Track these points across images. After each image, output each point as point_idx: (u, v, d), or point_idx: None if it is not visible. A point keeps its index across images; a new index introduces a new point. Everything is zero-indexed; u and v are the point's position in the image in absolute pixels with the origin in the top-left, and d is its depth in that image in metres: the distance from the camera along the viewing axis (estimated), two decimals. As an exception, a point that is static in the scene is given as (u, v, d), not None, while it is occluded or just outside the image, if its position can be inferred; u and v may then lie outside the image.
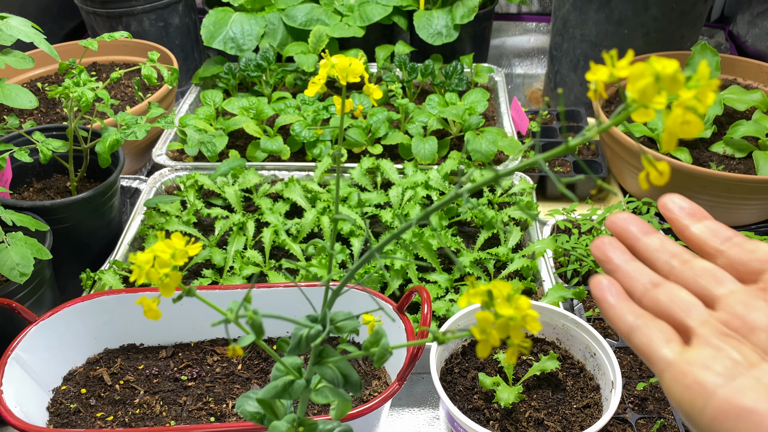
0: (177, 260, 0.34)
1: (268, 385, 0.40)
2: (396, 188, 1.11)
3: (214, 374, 0.83)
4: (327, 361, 0.39)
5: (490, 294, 0.30)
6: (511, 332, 0.29)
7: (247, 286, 0.83)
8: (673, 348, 0.33)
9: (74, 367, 0.84)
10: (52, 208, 0.94)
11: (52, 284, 0.93)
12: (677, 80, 0.26)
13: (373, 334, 0.36)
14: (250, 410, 0.45)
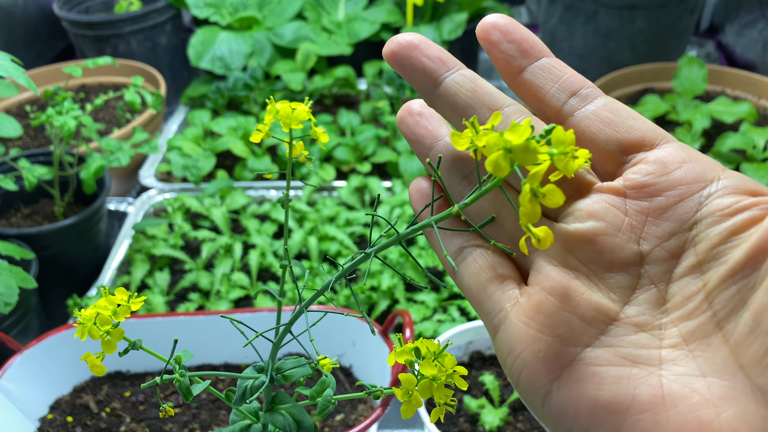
0: (119, 317, 0.34)
1: (228, 428, 0.40)
2: (384, 206, 1.11)
3: (200, 400, 0.83)
4: (279, 408, 0.39)
5: (418, 352, 0.30)
6: (435, 393, 0.29)
7: (233, 311, 0.83)
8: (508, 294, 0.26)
9: (60, 396, 0.83)
10: (38, 235, 0.94)
11: (38, 311, 0.93)
12: (530, 149, 0.21)
13: (319, 383, 0.36)
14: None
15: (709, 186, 0.24)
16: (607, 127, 0.26)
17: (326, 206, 1.12)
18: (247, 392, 0.36)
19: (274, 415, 0.38)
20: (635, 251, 0.24)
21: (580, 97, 0.26)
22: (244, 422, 0.40)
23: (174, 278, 1.04)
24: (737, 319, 0.22)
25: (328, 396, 0.35)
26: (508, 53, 0.27)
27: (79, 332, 0.33)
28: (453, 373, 0.29)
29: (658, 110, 1.21)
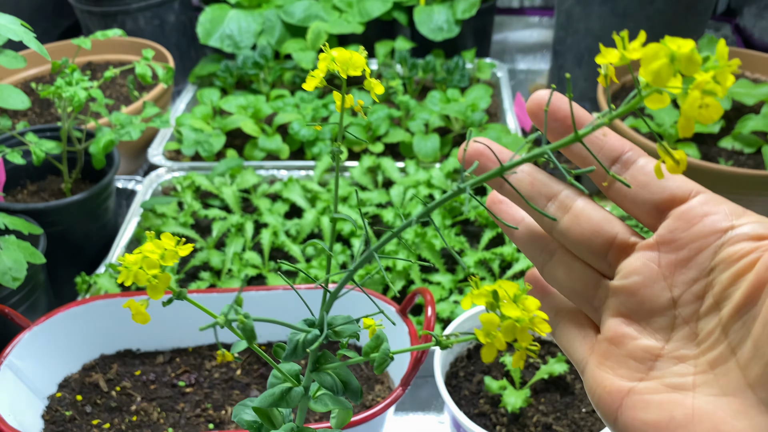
0: (166, 261, 0.32)
1: (265, 392, 0.38)
2: (397, 187, 1.08)
3: (213, 380, 0.81)
4: (326, 368, 0.36)
5: (496, 295, 0.28)
6: (517, 335, 0.27)
7: (245, 289, 0.81)
8: (588, 344, 0.32)
9: (69, 374, 0.82)
10: (46, 211, 0.92)
11: (47, 289, 0.91)
12: (694, 61, 0.23)
13: (374, 338, 0.34)
14: (247, 419, 0.43)
15: (723, 236, 0.28)
16: (644, 189, 0.30)
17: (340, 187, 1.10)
18: (299, 346, 0.34)
19: (321, 374, 0.36)
20: (669, 297, 0.29)
21: (621, 163, 0.31)
22: (284, 385, 0.38)
23: (184, 257, 1.02)
24: (744, 346, 0.26)
25: (386, 349, 0.32)
26: (555, 130, 0.31)
27: (123, 277, 0.31)
28: (534, 317, 0.27)
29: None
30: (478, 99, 1.23)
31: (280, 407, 0.37)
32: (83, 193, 0.94)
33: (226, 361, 0.32)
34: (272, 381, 0.38)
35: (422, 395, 0.92)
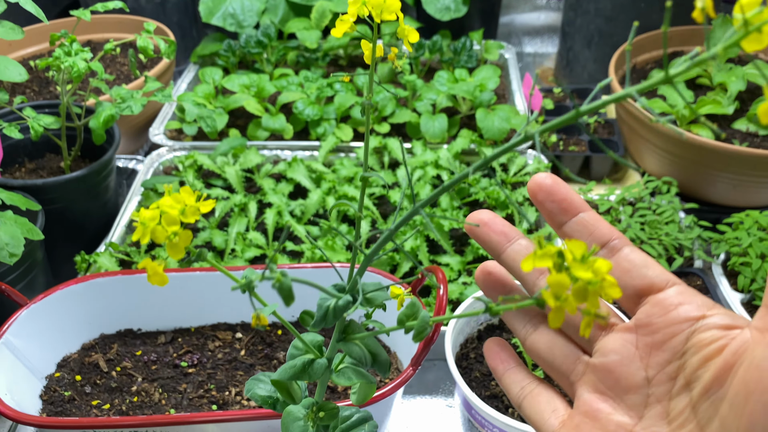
0: (187, 217, 0.29)
1: (285, 365, 0.35)
2: (404, 168, 1.06)
3: (216, 360, 0.79)
4: (353, 338, 0.34)
5: (562, 255, 0.25)
6: (589, 299, 0.24)
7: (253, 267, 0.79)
8: (558, 417, 0.34)
9: (68, 354, 0.79)
10: (44, 188, 0.89)
11: (45, 267, 0.89)
12: None
13: (409, 306, 0.31)
14: (261, 394, 0.41)
15: (695, 323, 0.30)
16: (626, 275, 0.32)
17: (344, 167, 1.07)
18: (329, 313, 0.31)
19: (349, 345, 0.34)
20: (644, 377, 0.31)
21: (608, 249, 0.33)
22: (305, 357, 0.35)
23: (186, 237, 1.00)
24: (712, 425, 0.28)
25: (426, 317, 0.30)
26: (551, 210, 0.34)
27: (139, 234, 0.29)
28: (605, 280, 0.25)
29: (688, 74, 1.16)
30: (487, 79, 1.20)
31: (301, 380, 0.35)
32: (83, 170, 0.91)
33: (261, 325, 0.30)
34: (293, 352, 0.36)
35: (430, 378, 0.90)
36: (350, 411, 0.43)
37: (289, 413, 0.37)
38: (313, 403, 0.37)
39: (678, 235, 0.95)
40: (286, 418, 0.37)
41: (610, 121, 1.24)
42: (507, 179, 1.06)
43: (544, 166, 1.07)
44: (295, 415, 0.37)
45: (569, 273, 0.25)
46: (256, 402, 0.41)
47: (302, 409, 0.37)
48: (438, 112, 1.17)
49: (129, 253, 0.93)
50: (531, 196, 0.35)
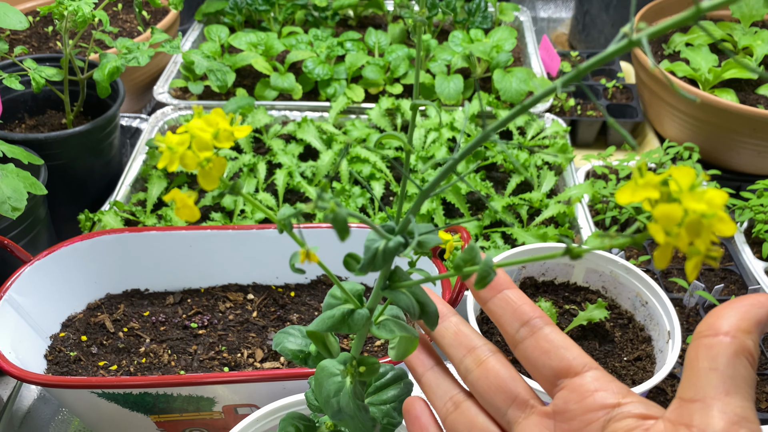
0: (221, 141, 0.26)
1: (322, 315, 0.32)
2: (419, 130, 1.03)
3: (227, 322, 0.76)
4: (400, 286, 0.31)
5: (667, 185, 0.22)
6: (703, 234, 0.21)
7: (265, 226, 0.76)
8: None
9: (73, 313, 0.77)
10: (47, 142, 0.86)
11: (48, 225, 0.86)
12: None
13: (468, 251, 0.28)
14: (292, 348, 0.38)
15: (611, 411, 0.30)
16: (544, 355, 0.33)
17: (356, 128, 1.04)
18: (378, 255, 0.28)
19: (395, 293, 0.31)
20: None
21: (528, 327, 0.34)
22: (345, 307, 0.32)
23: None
24: None
25: (489, 261, 0.27)
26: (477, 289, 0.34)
27: (165, 161, 0.25)
28: (716, 214, 0.21)
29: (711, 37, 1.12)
30: (503, 40, 1.16)
31: (340, 331, 0.32)
32: (87, 125, 0.87)
33: (311, 262, 0.27)
34: (330, 302, 0.33)
35: (444, 345, 0.87)
36: (384, 368, 0.41)
37: (323, 368, 0.34)
38: (351, 357, 0.34)
39: (701, 202, 0.92)
40: (320, 373, 0.35)
41: (628, 87, 1.20)
42: (524, 143, 1.03)
43: (563, 130, 1.04)
44: (330, 370, 0.34)
45: (680, 206, 0.21)
46: (285, 356, 0.39)
47: (337, 364, 0.34)
48: (453, 73, 1.13)
49: (135, 213, 0.90)
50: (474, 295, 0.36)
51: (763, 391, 0.73)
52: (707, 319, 0.29)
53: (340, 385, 0.33)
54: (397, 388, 0.39)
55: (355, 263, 0.29)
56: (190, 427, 0.68)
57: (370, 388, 0.39)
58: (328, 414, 0.34)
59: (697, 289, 0.79)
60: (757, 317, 0.28)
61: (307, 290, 0.80)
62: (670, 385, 0.74)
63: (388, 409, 0.38)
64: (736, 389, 0.27)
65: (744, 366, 0.27)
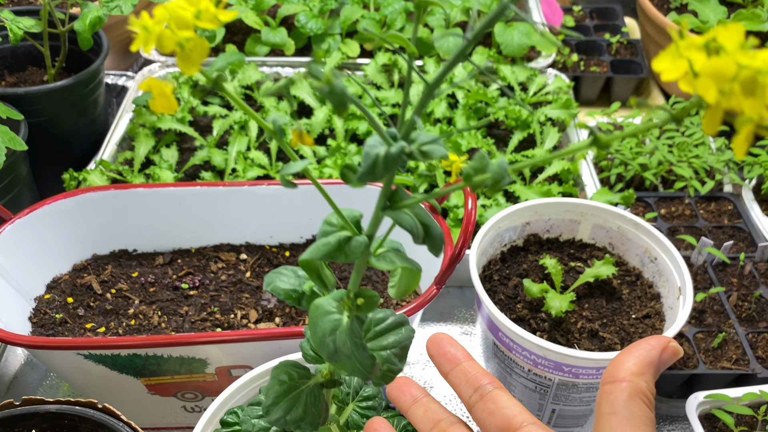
0: (202, 22, 0.23)
1: (316, 243, 0.29)
2: (416, 86, 0.99)
3: (219, 282, 0.73)
4: (402, 205, 0.28)
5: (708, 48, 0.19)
6: (757, 94, 0.18)
7: (257, 183, 0.72)
8: None
9: (59, 275, 0.73)
10: (27, 98, 0.82)
11: (30, 185, 0.82)
12: None
13: (478, 158, 0.25)
14: (284, 287, 0.35)
15: None
16: (490, 416, 0.35)
17: (351, 84, 0.99)
18: (379, 162, 0.25)
19: (397, 213, 0.28)
20: None
21: (478, 393, 0.36)
22: (341, 234, 0.29)
23: (183, 157, 0.93)
24: None
25: (503, 163, 0.24)
26: (439, 362, 0.39)
27: (140, 42, 0.22)
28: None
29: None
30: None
31: (336, 260, 0.29)
32: (69, 79, 0.83)
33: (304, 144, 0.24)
34: (325, 229, 0.30)
35: (443, 305, 0.85)
36: (385, 313, 0.38)
37: (318, 306, 0.31)
38: (346, 293, 0.31)
39: (709, 158, 0.89)
40: (314, 312, 0.32)
41: (633, 42, 1.16)
42: (527, 99, 0.99)
43: (566, 85, 1.00)
44: (326, 308, 0.31)
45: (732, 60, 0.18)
46: (278, 296, 0.36)
47: (333, 302, 0.31)
48: (452, 27, 1.09)
49: (121, 172, 0.86)
50: (428, 349, 0.39)
51: None
52: (609, 367, 0.31)
53: (336, 323, 0.31)
54: (398, 333, 0.36)
55: (352, 174, 0.26)
56: (183, 390, 0.66)
57: (370, 333, 0.37)
58: (323, 356, 0.31)
59: (705, 246, 0.77)
60: (649, 359, 0.31)
61: (302, 250, 0.77)
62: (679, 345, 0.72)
63: (389, 355, 0.36)
64: (632, 429, 0.29)
65: (639, 406, 0.30)
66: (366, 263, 0.32)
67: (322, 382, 0.38)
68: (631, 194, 0.82)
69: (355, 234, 0.29)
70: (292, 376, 0.37)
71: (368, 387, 0.47)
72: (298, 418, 0.36)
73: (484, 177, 0.24)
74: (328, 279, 0.32)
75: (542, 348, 0.57)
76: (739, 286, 0.77)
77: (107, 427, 0.48)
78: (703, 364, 0.69)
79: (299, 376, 0.37)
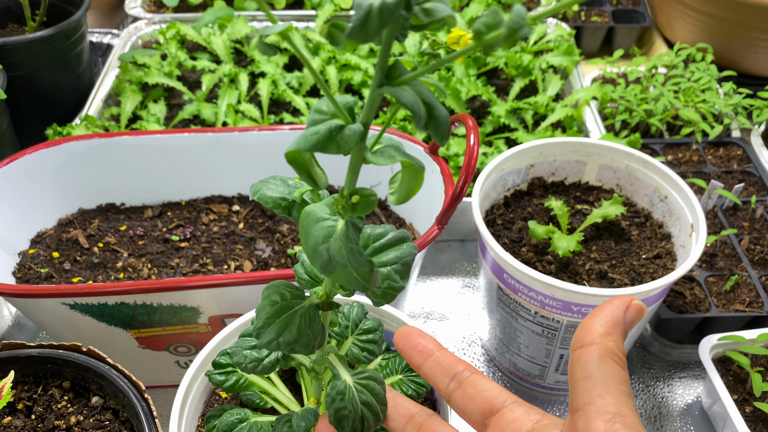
0: None
1: (304, 132, 0.26)
2: (412, 36, 0.95)
3: (211, 234, 0.70)
4: (401, 81, 0.25)
5: None
6: None
7: (248, 128, 0.69)
8: None
9: (43, 229, 0.70)
10: (6, 49, 0.78)
11: (12, 140, 0.79)
12: None
13: (491, 13, 0.22)
14: (272, 195, 0.32)
15: None
16: (470, 402, 0.35)
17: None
18: (372, 15, 0.21)
19: (397, 89, 0.25)
20: None
21: (455, 380, 0.36)
22: (333, 122, 0.26)
23: (171, 112, 0.89)
24: None
25: (521, 12, 0.21)
26: (410, 355, 0.38)
27: None
28: None
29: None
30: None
31: (327, 152, 0.26)
32: (49, 29, 0.80)
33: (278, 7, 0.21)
34: (315, 118, 0.27)
35: (444, 259, 0.82)
36: (383, 228, 0.35)
37: (309, 213, 0.28)
38: (341, 190, 0.28)
39: (717, 101, 0.86)
40: (305, 219, 0.29)
41: (635, -8, 1.12)
42: (527, 48, 0.96)
43: (567, 33, 0.96)
44: (318, 214, 0.28)
45: None
46: (266, 204, 0.33)
47: (325, 207, 0.28)
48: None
49: (107, 128, 0.83)
50: (395, 343, 0.39)
51: None
52: (576, 333, 0.31)
53: (330, 230, 0.28)
54: (399, 249, 0.34)
55: (340, 33, 0.23)
56: (176, 343, 0.63)
57: (368, 250, 0.34)
58: (317, 268, 0.28)
59: (715, 188, 0.74)
60: (615, 319, 0.31)
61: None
62: (689, 289, 0.69)
63: (389, 271, 0.33)
64: (606, 390, 0.29)
65: (611, 366, 0.30)
66: (362, 159, 0.29)
67: (318, 303, 0.35)
68: (638, 138, 0.79)
69: (348, 122, 0.26)
70: (285, 297, 0.34)
71: (368, 320, 0.44)
72: (292, 340, 0.33)
73: (497, 33, 0.21)
74: (319, 177, 0.29)
75: (550, 286, 0.54)
76: (751, 230, 0.75)
77: (92, 370, 0.45)
78: (716, 307, 0.67)
79: (293, 296, 0.34)
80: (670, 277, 0.55)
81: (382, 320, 0.46)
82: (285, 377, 0.51)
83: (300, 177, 0.28)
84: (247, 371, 0.38)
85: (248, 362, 0.38)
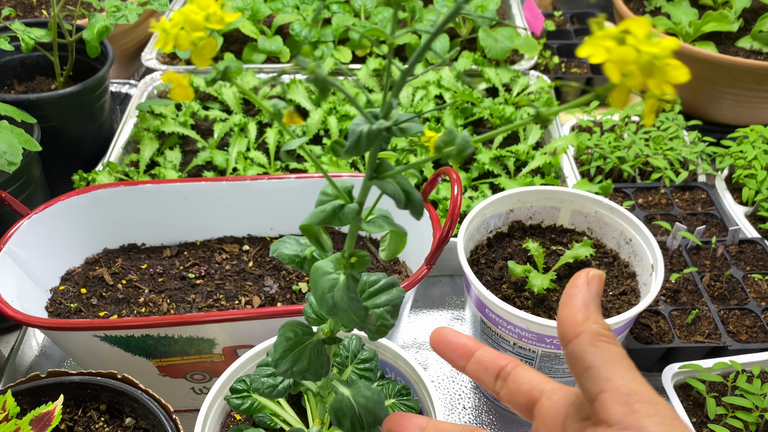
0: (212, 23, 0.28)
1: (314, 210, 0.34)
2: (407, 88, 1.04)
3: (224, 272, 0.78)
4: (386, 176, 0.33)
5: (626, 33, 0.24)
6: (655, 75, 0.23)
7: (259, 177, 0.77)
8: None
9: (72, 267, 0.78)
10: (38, 104, 0.87)
11: (43, 186, 0.87)
12: None
13: (447, 133, 0.30)
14: (288, 252, 0.40)
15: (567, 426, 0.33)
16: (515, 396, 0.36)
17: (344, 87, 1.05)
18: (362, 138, 0.30)
19: (382, 182, 0.33)
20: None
21: (501, 378, 0.37)
22: (335, 202, 0.34)
23: (186, 158, 0.98)
24: None
25: (466, 137, 0.29)
26: (452, 358, 0.38)
27: (161, 42, 0.27)
28: (669, 60, 0.23)
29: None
30: (488, 0, 1.17)
31: (331, 224, 0.34)
32: (77, 86, 0.88)
33: (295, 124, 0.29)
34: (322, 199, 0.35)
35: (434, 293, 0.90)
36: (377, 276, 0.43)
37: (318, 268, 0.36)
38: (340, 256, 0.36)
39: (683, 149, 0.94)
40: (315, 273, 0.36)
41: (611, 44, 1.22)
42: (510, 99, 1.05)
43: (548, 85, 1.06)
44: (324, 269, 0.36)
45: (633, 47, 0.23)
46: (282, 260, 0.40)
47: (330, 263, 0.36)
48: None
49: (128, 173, 0.91)
50: (433, 347, 0.39)
51: (744, 324, 0.76)
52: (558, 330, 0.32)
53: (334, 282, 0.35)
54: (390, 293, 0.41)
55: (341, 148, 0.31)
56: (192, 371, 0.70)
57: (364, 294, 0.41)
58: (324, 311, 0.36)
59: (679, 230, 0.82)
60: (584, 301, 0.31)
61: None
62: (654, 322, 0.77)
63: (382, 312, 0.40)
64: (611, 373, 0.29)
65: (605, 348, 0.30)
66: (358, 227, 0.36)
67: (324, 338, 0.42)
68: (609, 184, 0.87)
69: (347, 202, 0.34)
70: (297, 333, 0.42)
71: (365, 351, 0.52)
72: (304, 369, 0.41)
73: (451, 148, 0.30)
74: (325, 242, 0.37)
75: (525, 321, 0.62)
76: (712, 267, 0.82)
77: (127, 394, 0.53)
78: (678, 338, 0.74)
79: (303, 333, 0.42)
80: (632, 312, 0.62)
81: (377, 350, 0.53)
82: (291, 401, 0.59)
83: (310, 242, 0.36)
84: (264, 395, 0.45)
85: (265, 387, 0.45)
